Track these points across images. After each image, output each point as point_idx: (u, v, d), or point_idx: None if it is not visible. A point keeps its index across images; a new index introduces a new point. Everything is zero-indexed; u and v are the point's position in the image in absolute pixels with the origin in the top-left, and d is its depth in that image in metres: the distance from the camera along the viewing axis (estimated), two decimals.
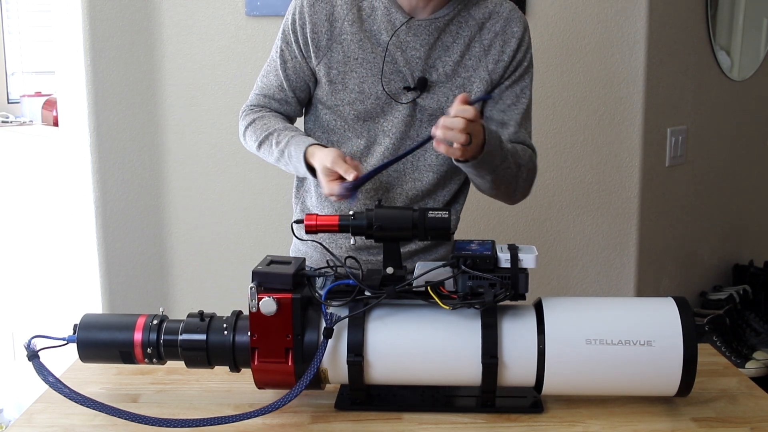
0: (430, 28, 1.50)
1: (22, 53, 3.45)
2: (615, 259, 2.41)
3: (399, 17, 1.49)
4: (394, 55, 1.50)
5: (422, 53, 1.50)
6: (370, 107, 1.52)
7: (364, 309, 1.23)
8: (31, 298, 2.95)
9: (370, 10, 1.51)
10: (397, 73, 1.51)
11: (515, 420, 1.24)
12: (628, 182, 2.37)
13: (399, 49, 1.50)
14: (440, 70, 1.51)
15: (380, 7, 1.50)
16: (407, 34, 1.50)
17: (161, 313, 1.31)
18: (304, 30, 1.52)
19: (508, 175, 1.48)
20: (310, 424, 1.24)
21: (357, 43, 1.51)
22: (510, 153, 1.47)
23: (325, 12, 1.51)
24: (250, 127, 1.58)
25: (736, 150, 2.83)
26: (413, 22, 1.49)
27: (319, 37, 1.52)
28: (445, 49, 1.51)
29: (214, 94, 2.27)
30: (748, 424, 1.23)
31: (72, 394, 1.19)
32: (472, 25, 1.51)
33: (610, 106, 2.32)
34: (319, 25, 1.51)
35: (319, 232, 1.29)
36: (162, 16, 2.22)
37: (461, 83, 1.52)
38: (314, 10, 1.51)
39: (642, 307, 1.25)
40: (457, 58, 1.51)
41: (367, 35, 1.50)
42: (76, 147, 2.29)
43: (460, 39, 1.51)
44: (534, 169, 1.57)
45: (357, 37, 1.50)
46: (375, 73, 1.51)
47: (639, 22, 2.28)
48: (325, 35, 1.51)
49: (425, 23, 1.49)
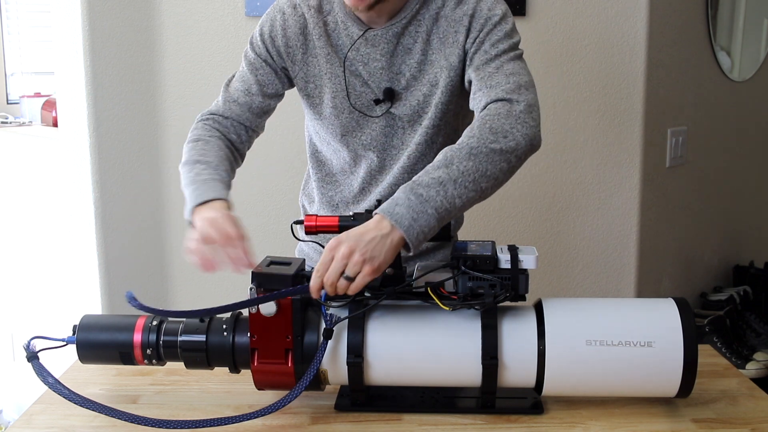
0: (387, 36, 1.45)
1: (22, 54, 3.45)
2: (615, 260, 2.41)
3: (355, 30, 1.46)
4: (357, 69, 1.47)
5: (384, 63, 1.46)
6: (345, 122, 1.50)
7: (364, 310, 1.23)
8: (30, 299, 2.95)
9: (334, 25, 1.48)
10: (364, 87, 1.48)
11: (515, 421, 1.24)
12: (628, 183, 2.37)
13: (361, 62, 1.46)
14: (407, 75, 1.46)
15: (339, 21, 1.47)
16: (366, 46, 1.46)
17: None
18: (276, 43, 1.49)
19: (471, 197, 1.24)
20: (309, 425, 1.23)
21: (325, 57, 1.48)
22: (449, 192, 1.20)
23: (299, 26, 1.49)
24: (191, 143, 1.51)
25: (737, 150, 2.83)
26: (369, 33, 1.45)
27: (294, 51, 1.50)
28: (407, 51, 1.45)
29: (214, 95, 2.25)
30: (749, 425, 1.23)
31: (71, 395, 1.19)
32: (428, 20, 1.44)
33: (610, 106, 2.32)
34: (293, 39, 1.49)
35: (319, 232, 1.28)
36: (162, 16, 2.22)
37: (429, 80, 1.45)
38: (287, 24, 1.49)
39: (642, 308, 1.25)
40: (420, 57, 1.45)
41: (333, 50, 1.48)
42: (75, 147, 2.29)
43: (419, 37, 1.45)
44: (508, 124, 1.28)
45: (324, 51, 1.48)
46: (342, 89, 1.48)
47: (639, 22, 2.27)
48: (300, 49, 1.49)
49: (381, 32, 1.45)
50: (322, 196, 1.59)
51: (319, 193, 1.60)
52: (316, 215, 1.29)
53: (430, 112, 1.46)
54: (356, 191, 1.55)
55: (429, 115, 1.46)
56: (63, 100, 2.34)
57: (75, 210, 2.36)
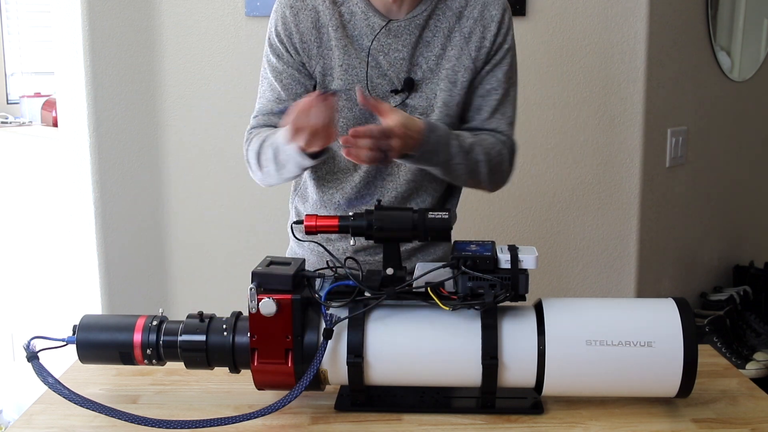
0: (410, 27, 1.49)
1: (22, 54, 3.45)
2: (615, 260, 2.41)
3: (377, 21, 1.48)
4: (377, 59, 1.49)
5: (405, 54, 1.50)
6: (358, 114, 1.50)
7: (364, 310, 1.23)
8: (30, 299, 2.95)
9: (350, 15, 1.49)
10: (382, 77, 1.50)
11: (515, 421, 1.24)
12: (628, 183, 2.37)
13: (381, 52, 1.49)
14: (424, 67, 1.50)
15: (358, 12, 1.49)
16: (387, 36, 1.49)
17: (161, 314, 1.30)
18: (292, 40, 1.50)
19: (461, 170, 1.48)
20: (309, 425, 1.23)
21: (342, 49, 1.49)
22: (464, 149, 1.46)
23: (311, 19, 1.50)
24: (249, 151, 1.53)
25: (737, 150, 2.83)
26: (392, 24, 1.48)
27: (309, 46, 1.50)
28: (427, 45, 1.50)
29: (213, 95, 2.27)
30: (749, 425, 1.22)
31: (71, 395, 1.19)
32: (450, 16, 1.50)
33: (610, 106, 2.32)
34: (307, 34, 1.50)
35: (318, 232, 1.28)
36: (162, 16, 2.22)
37: (446, 75, 1.51)
38: (299, 19, 1.50)
39: (642, 307, 1.25)
40: (439, 52, 1.50)
41: (350, 41, 1.49)
42: (75, 147, 2.29)
43: (440, 32, 1.50)
44: (504, 159, 1.54)
45: (341, 43, 1.49)
46: (360, 79, 1.50)
47: (639, 22, 2.27)
48: (315, 43, 1.50)
49: (404, 23, 1.49)
50: (322, 194, 1.59)
51: (318, 193, 1.60)
52: (316, 215, 1.29)
53: (443, 107, 1.51)
54: (359, 188, 1.56)
55: (440, 109, 1.51)
56: (63, 100, 2.34)
57: (75, 210, 2.36)
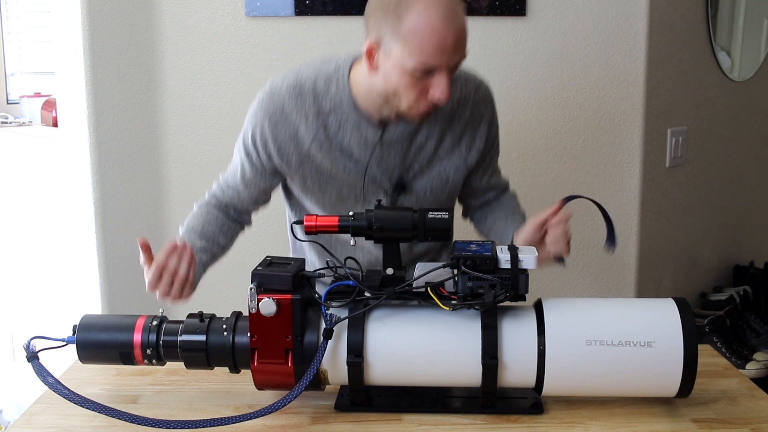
0: (403, 136, 1.49)
1: (22, 54, 3.44)
2: (615, 260, 2.41)
3: (371, 132, 1.48)
4: (371, 169, 1.50)
5: (398, 160, 1.51)
6: (350, 207, 1.53)
7: (364, 310, 1.23)
8: (30, 299, 2.95)
9: (338, 126, 1.48)
10: (374, 182, 1.52)
11: (515, 421, 1.24)
12: (628, 183, 2.36)
13: (375, 161, 1.50)
14: (416, 168, 1.52)
15: (350, 121, 1.48)
16: (380, 147, 1.49)
17: (161, 314, 1.31)
18: (267, 149, 1.51)
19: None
20: (309, 425, 1.23)
21: (330, 161, 1.50)
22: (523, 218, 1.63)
23: (289, 133, 1.49)
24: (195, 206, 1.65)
25: (737, 150, 2.83)
26: (386, 135, 1.48)
27: (288, 158, 1.51)
28: (419, 149, 1.51)
29: (213, 95, 2.27)
30: (749, 425, 1.23)
31: (71, 395, 1.19)
32: (441, 120, 1.51)
33: (610, 106, 2.32)
34: (284, 147, 1.50)
35: (318, 232, 1.28)
36: (162, 16, 2.22)
37: (438, 174, 1.53)
38: (277, 131, 1.49)
39: (642, 308, 1.25)
40: (430, 156, 1.52)
41: (339, 152, 1.49)
42: (75, 147, 2.29)
43: (432, 136, 1.51)
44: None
45: (329, 156, 1.49)
46: (352, 184, 1.51)
47: (639, 22, 2.27)
48: (294, 155, 1.50)
49: (398, 133, 1.49)
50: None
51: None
52: (316, 215, 1.29)
53: (435, 201, 1.55)
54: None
55: (430, 201, 1.55)
56: (63, 100, 2.34)
57: (75, 210, 2.36)
